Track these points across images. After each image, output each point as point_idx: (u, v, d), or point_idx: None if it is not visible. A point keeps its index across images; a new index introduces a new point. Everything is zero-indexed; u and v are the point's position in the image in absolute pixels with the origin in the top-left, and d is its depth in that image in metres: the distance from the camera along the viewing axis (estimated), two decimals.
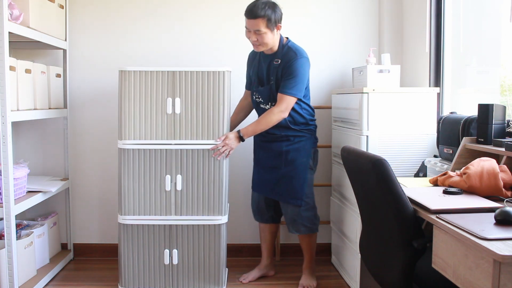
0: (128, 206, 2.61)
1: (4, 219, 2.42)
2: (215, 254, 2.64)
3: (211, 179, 2.59)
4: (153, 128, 2.57)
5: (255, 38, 2.56)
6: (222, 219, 2.63)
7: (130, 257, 2.64)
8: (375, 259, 1.94)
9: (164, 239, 2.63)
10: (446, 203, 1.67)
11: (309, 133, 2.74)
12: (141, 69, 2.54)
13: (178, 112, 2.56)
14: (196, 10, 3.25)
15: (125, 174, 2.59)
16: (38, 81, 2.81)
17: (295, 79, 2.57)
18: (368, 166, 1.70)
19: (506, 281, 1.23)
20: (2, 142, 2.36)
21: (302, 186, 2.70)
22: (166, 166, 2.59)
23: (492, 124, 2.07)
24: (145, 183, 2.60)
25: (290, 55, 2.60)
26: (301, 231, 2.77)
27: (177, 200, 2.60)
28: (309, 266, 2.89)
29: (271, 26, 2.54)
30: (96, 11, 3.23)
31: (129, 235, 2.63)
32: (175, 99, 2.55)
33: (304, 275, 2.88)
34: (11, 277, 2.44)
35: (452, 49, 2.77)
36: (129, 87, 2.55)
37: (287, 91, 2.57)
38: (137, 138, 2.58)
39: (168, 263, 2.64)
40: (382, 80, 2.74)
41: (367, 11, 3.31)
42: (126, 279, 2.66)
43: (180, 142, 2.58)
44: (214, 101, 2.55)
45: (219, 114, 2.56)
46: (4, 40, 2.32)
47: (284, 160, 2.70)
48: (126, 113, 2.56)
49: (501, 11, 2.43)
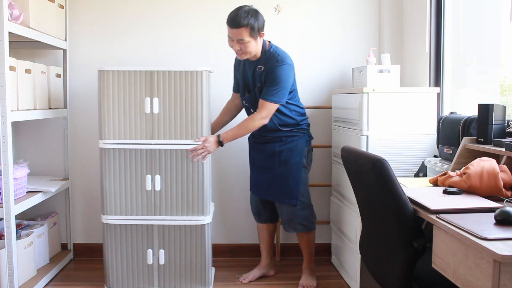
0: (110, 206, 2.61)
1: (4, 219, 2.42)
2: (200, 254, 2.64)
3: (190, 179, 2.59)
4: (133, 128, 2.57)
5: (239, 47, 2.55)
6: (205, 219, 2.63)
7: (114, 257, 2.65)
8: (375, 259, 1.94)
9: (147, 239, 2.64)
10: (446, 203, 1.67)
11: (301, 132, 2.74)
12: (119, 69, 2.54)
13: (157, 112, 2.55)
14: (198, 10, 3.25)
15: (106, 174, 2.60)
16: (38, 81, 2.81)
17: (277, 86, 2.55)
18: (368, 166, 1.70)
19: (506, 281, 1.23)
20: (2, 142, 2.36)
21: (297, 185, 2.70)
22: (146, 166, 2.59)
23: (492, 124, 2.07)
24: (126, 183, 2.60)
25: (272, 61, 2.59)
26: (298, 229, 2.77)
27: (157, 200, 2.60)
28: (309, 265, 2.89)
29: (255, 34, 2.53)
30: (96, 11, 3.23)
31: (112, 235, 2.63)
32: (153, 99, 2.55)
33: (304, 275, 2.88)
34: (11, 277, 2.44)
35: (452, 49, 2.77)
36: (108, 87, 2.55)
37: (269, 98, 2.56)
38: (117, 138, 2.58)
39: (152, 263, 2.64)
40: (382, 80, 2.74)
41: (367, 11, 3.31)
42: (112, 280, 2.66)
43: (159, 142, 2.57)
44: (192, 101, 2.55)
45: (198, 114, 2.55)
46: (4, 40, 2.32)
47: (277, 160, 2.71)
48: (105, 113, 2.56)
49: (501, 11, 2.43)
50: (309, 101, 3.30)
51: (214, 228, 3.37)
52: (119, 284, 2.67)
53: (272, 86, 2.56)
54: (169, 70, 2.54)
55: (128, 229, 2.63)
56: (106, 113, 2.57)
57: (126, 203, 2.61)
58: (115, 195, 2.61)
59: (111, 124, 2.57)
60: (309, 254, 2.88)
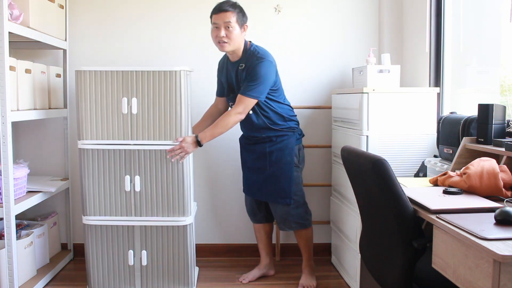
0: (90, 207, 2.60)
1: (4, 219, 2.42)
2: (183, 255, 2.63)
3: (170, 180, 2.57)
4: (111, 128, 2.56)
5: (224, 34, 2.56)
6: (186, 220, 2.61)
7: (95, 258, 2.64)
8: (375, 259, 1.94)
9: (127, 240, 2.63)
10: (446, 203, 1.67)
11: (291, 131, 2.74)
12: (96, 69, 2.53)
13: (135, 112, 2.54)
14: (198, 10, 3.25)
15: (85, 174, 2.58)
16: (38, 81, 2.81)
17: (256, 82, 2.56)
18: (368, 166, 1.70)
19: (506, 281, 1.23)
20: (2, 142, 2.36)
21: (289, 185, 2.70)
22: (125, 166, 2.57)
23: (492, 124, 2.07)
24: (105, 183, 2.59)
25: (253, 59, 2.61)
26: (293, 227, 2.77)
27: (137, 201, 2.60)
28: (308, 264, 2.89)
29: (240, 21, 2.58)
30: (96, 11, 3.23)
31: (93, 236, 2.62)
32: (131, 99, 2.53)
33: (304, 275, 2.88)
34: (11, 277, 2.44)
35: (452, 49, 2.77)
36: (85, 87, 2.53)
37: (246, 93, 2.56)
38: (96, 138, 2.56)
39: (133, 264, 2.64)
40: (382, 80, 2.74)
41: (367, 11, 3.31)
42: (93, 281, 2.66)
43: (137, 143, 2.56)
44: (171, 101, 2.53)
45: (176, 115, 2.54)
46: (4, 40, 2.32)
47: (268, 161, 2.71)
48: (83, 113, 2.55)
49: (501, 11, 2.43)
50: (309, 101, 3.30)
51: (211, 228, 3.37)
52: (100, 285, 2.66)
53: (251, 81, 2.56)
54: (147, 70, 2.52)
55: (109, 230, 2.62)
56: (84, 114, 2.55)
57: (106, 204, 2.60)
58: (96, 195, 2.60)
59: (89, 124, 2.55)
60: (307, 252, 2.88)
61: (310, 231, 2.86)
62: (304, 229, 2.81)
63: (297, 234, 2.85)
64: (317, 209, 3.36)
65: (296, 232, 2.84)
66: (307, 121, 3.32)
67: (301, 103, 3.26)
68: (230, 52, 2.66)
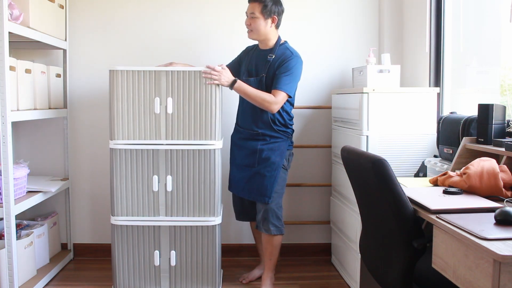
0: (119, 207, 2.60)
1: (4, 219, 2.42)
2: (211, 256, 2.62)
3: (201, 180, 2.57)
4: (143, 128, 2.55)
5: (249, 23, 2.66)
6: (215, 220, 2.61)
7: (121, 259, 2.63)
8: (375, 259, 1.94)
9: (154, 240, 2.62)
10: (446, 203, 1.67)
11: (285, 136, 2.74)
12: (131, 68, 2.52)
13: (170, 112, 2.54)
14: (198, 10, 3.25)
15: (116, 174, 2.58)
16: (38, 81, 2.81)
17: (290, 77, 2.60)
18: (368, 166, 1.70)
19: (506, 281, 1.23)
20: (2, 142, 2.36)
21: (272, 184, 2.67)
22: (157, 166, 2.57)
23: (492, 124, 2.07)
24: (137, 183, 2.58)
25: (287, 53, 2.67)
26: (271, 231, 2.70)
27: (168, 201, 2.59)
28: (269, 276, 2.80)
29: (265, 13, 2.62)
30: (96, 11, 3.23)
31: (121, 236, 2.62)
32: (167, 99, 2.53)
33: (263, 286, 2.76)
34: (11, 277, 2.44)
35: (452, 49, 2.77)
36: (119, 86, 2.53)
37: (282, 87, 2.59)
38: (128, 138, 2.56)
39: (159, 265, 2.63)
40: (382, 80, 2.74)
41: (367, 11, 3.31)
42: (119, 281, 2.65)
43: (171, 142, 2.56)
44: (206, 101, 2.53)
45: (211, 114, 2.54)
46: (4, 40, 2.32)
47: (258, 158, 2.70)
48: (115, 113, 2.54)
49: (501, 11, 2.43)
50: (309, 101, 3.30)
51: None
52: (126, 285, 2.65)
53: (286, 75, 2.60)
54: (183, 70, 2.53)
55: (135, 230, 2.61)
56: (117, 114, 2.54)
57: (134, 204, 2.59)
58: (125, 196, 2.59)
59: (121, 124, 2.55)
60: (272, 261, 2.79)
61: (280, 239, 2.78)
62: (279, 234, 2.74)
63: (269, 239, 2.74)
64: (317, 209, 3.36)
65: (268, 237, 2.73)
66: (307, 121, 3.32)
67: (301, 103, 3.26)
68: (259, 40, 2.74)
